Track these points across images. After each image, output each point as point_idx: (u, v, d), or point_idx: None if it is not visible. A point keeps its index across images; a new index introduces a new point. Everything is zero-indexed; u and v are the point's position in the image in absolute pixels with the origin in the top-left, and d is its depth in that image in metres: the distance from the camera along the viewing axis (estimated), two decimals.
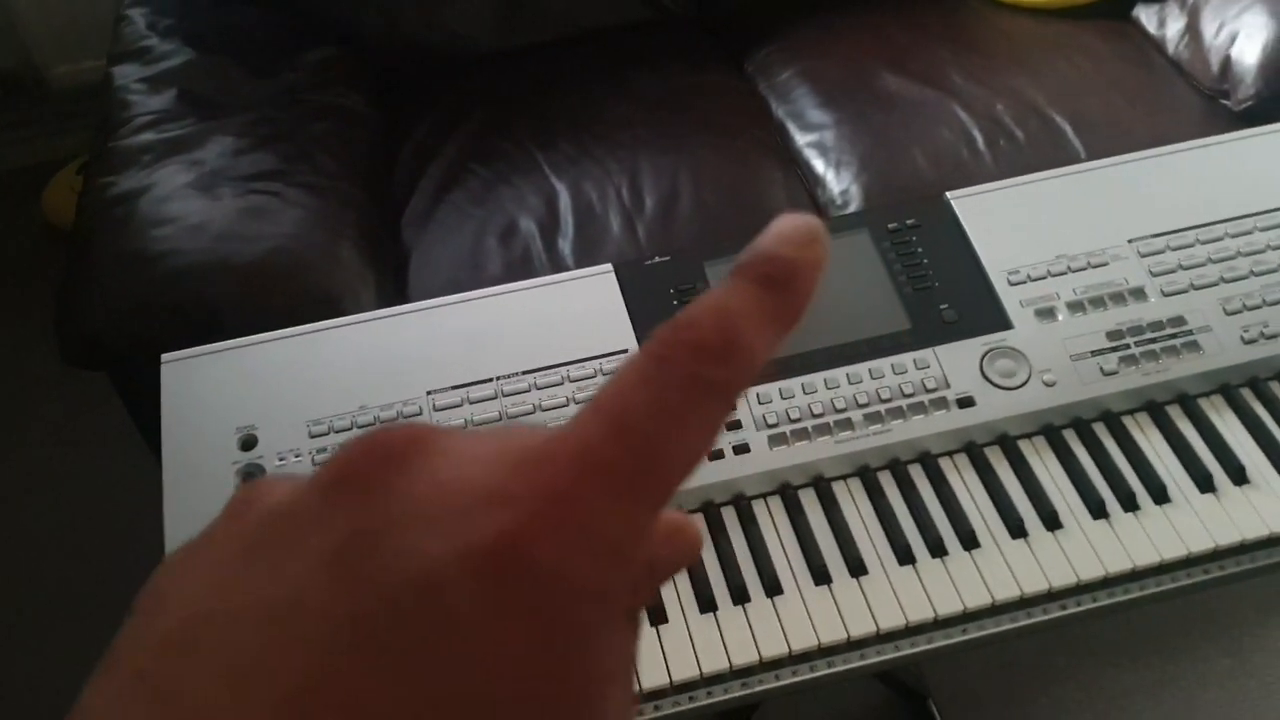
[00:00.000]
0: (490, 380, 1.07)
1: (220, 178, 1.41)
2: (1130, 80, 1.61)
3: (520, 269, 1.45)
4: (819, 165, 1.55)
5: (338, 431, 1.04)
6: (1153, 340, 1.09)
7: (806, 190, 1.54)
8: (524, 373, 1.07)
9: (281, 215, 1.38)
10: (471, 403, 1.06)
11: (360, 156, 1.57)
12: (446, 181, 1.56)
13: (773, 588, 0.98)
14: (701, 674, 0.94)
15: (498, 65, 1.76)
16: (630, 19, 1.84)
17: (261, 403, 1.06)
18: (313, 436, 1.04)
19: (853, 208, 1.48)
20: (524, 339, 1.10)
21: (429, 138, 1.63)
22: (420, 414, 1.05)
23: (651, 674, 0.95)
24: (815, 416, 1.05)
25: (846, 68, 1.67)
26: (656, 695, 0.95)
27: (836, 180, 1.52)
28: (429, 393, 1.06)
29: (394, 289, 1.44)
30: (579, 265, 1.44)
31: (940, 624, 0.97)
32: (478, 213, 1.52)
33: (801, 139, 1.60)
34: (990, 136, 1.53)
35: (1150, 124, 1.53)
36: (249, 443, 1.04)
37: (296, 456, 1.02)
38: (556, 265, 1.45)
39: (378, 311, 1.12)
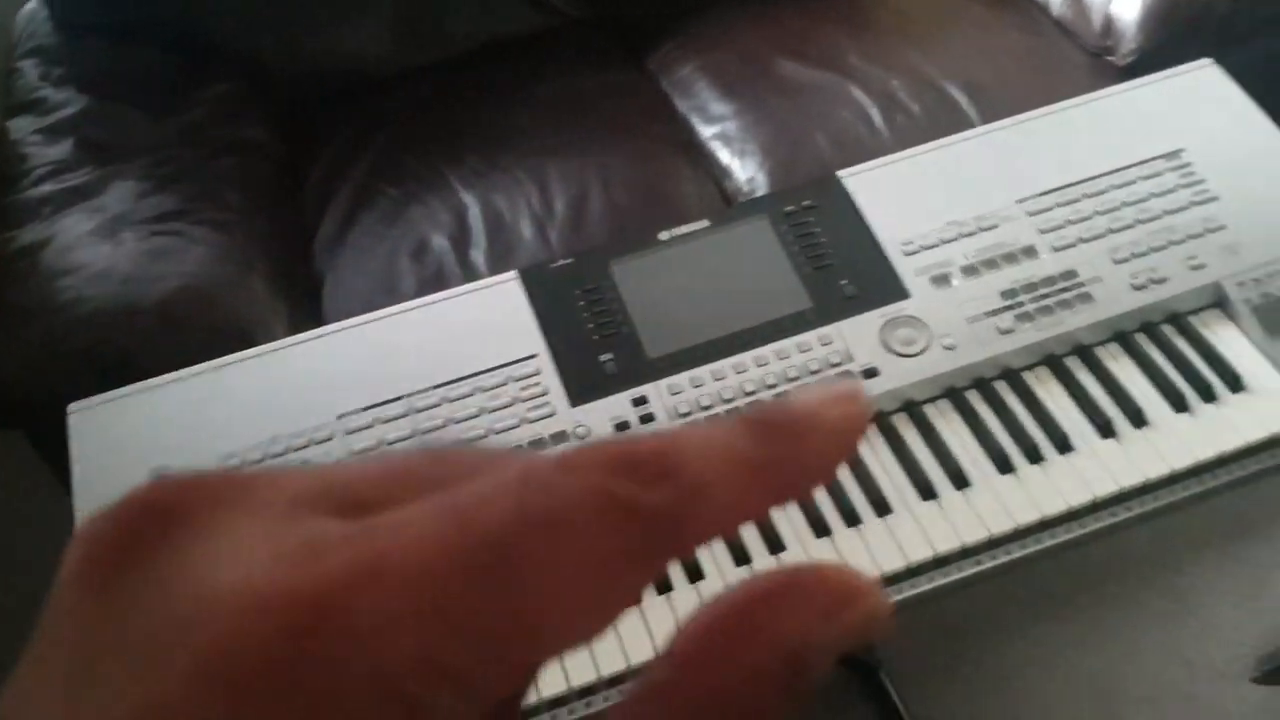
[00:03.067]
0: (400, 398, 1.08)
1: (123, 222, 1.41)
2: (1019, 46, 1.65)
3: (434, 285, 1.45)
4: (724, 155, 1.57)
5: (251, 464, 1.04)
6: (1046, 296, 1.12)
7: (714, 181, 1.56)
8: (434, 387, 1.08)
9: (186, 254, 1.38)
10: (383, 422, 1.06)
11: (267, 188, 1.57)
12: (356, 205, 1.57)
13: (695, 574, 0.99)
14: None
15: (401, 85, 1.76)
16: (529, 28, 1.85)
17: (174, 442, 1.06)
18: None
19: (759, 195, 1.51)
20: (433, 354, 1.11)
21: (336, 163, 1.64)
22: (331, 439, 1.05)
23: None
24: (726, 402, 1.07)
25: (745, 58, 1.70)
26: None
27: (742, 169, 1.54)
28: (339, 416, 1.07)
29: (309, 316, 1.44)
30: (492, 275, 1.45)
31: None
32: (389, 233, 1.53)
33: (706, 131, 1.62)
34: (888, 113, 1.55)
35: (1041, 86, 1.56)
36: None
37: None
38: (471, 278, 1.45)
39: (284, 340, 1.13)
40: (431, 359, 1.10)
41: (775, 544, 1.00)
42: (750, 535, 1.01)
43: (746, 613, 0.19)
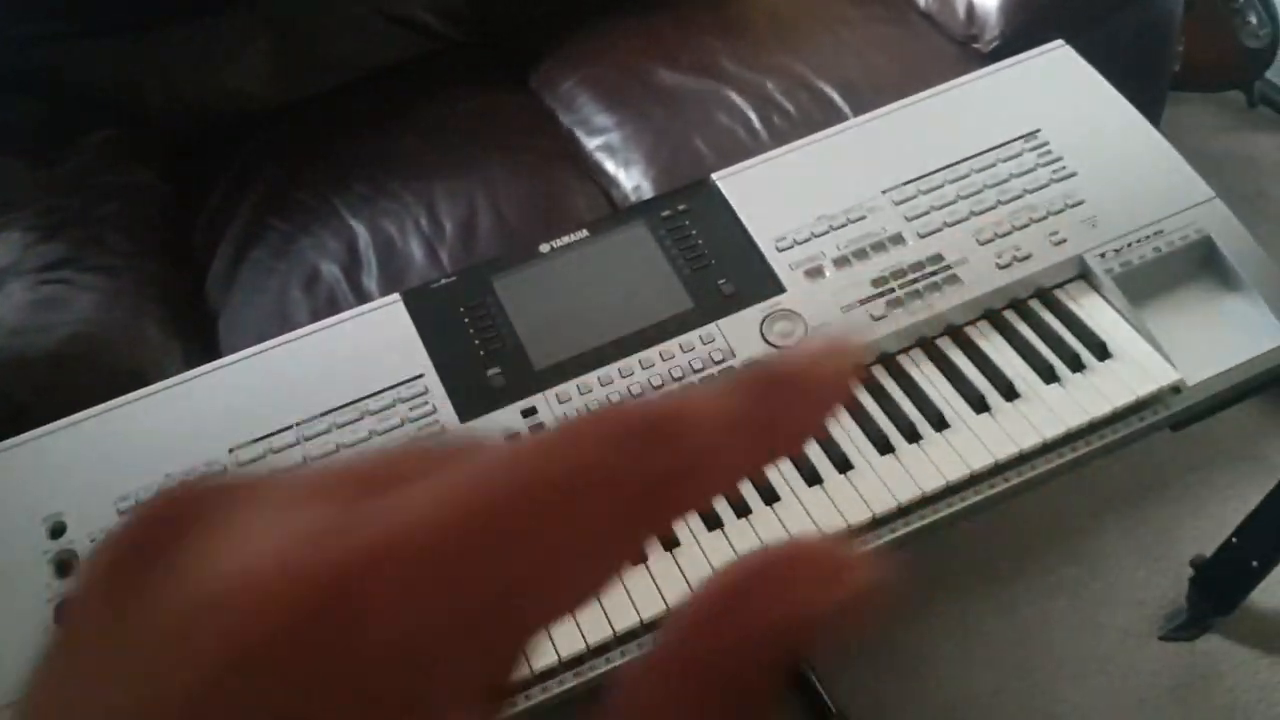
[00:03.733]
0: (290, 427, 1.08)
1: (9, 274, 1.40)
2: (887, 39, 1.69)
3: (327, 314, 1.44)
4: (610, 166, 1.60)
5: None
6: (914, 280, 1.15)
7: (602, 191, 1.58)
8: (323, 414, 1.09)
9: (75, 302, 1.37)
10: (274, 452, 1.07)
11: (155, 230, 1.56)
12: (245, 241, 1.57)
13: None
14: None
15: (284, 118, 1.76)
16: (409, 52, 1.86)
17: (67, 487, 1.06)
18: (121, 514, 1.04)
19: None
20: (320, 381, 1.11)
21: (224, 200, 1.63)
22: (224, 472, 1.05)
23: None
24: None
25: (623, 70, 1.72)
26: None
27: (627, 178, 1.56)
28: (231, 450, 1.07)
29: (204, 355, 1.44)
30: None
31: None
32: (280, 266, 1.53)
33: (590, 143, 1.65)
34: (764, 115, 1.59)
35: (911, 77, 1.59)
36: (58, 529, 1.04)
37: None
38: (364, 303, 1.46)
39: (171, 379, 1.13)
40: (319, 386, 1.11)
41: (670, 543, 1.02)
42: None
43: (745, 587, 0.19)
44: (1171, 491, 1.69)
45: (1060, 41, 1.33)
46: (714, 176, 1.25)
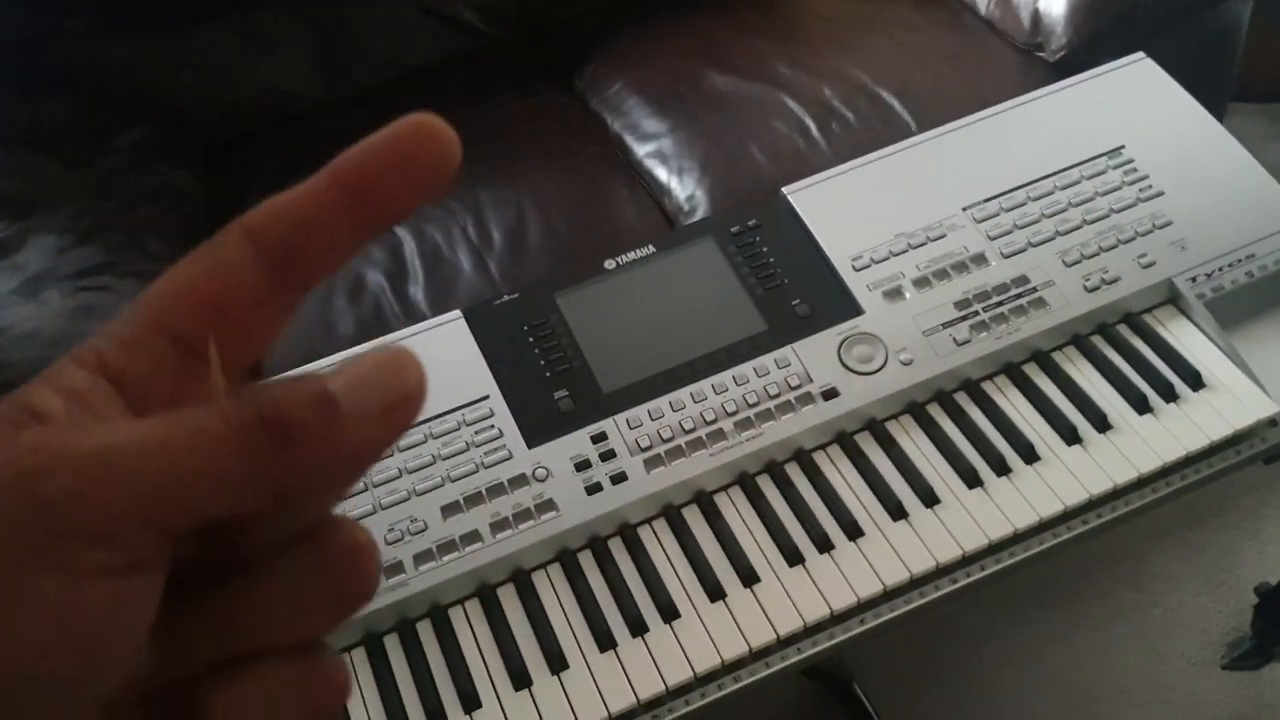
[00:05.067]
0: None
1: (45, 280, 1.35)
2: (947, 46, 1.64)
3: (374, 324, 1.41)
4: (662, 174, 1.55)
5: None
6: (1000, 303, 1.11)
7: (653, 200, 1.54)
8: None
9: (116, 310, 1.33)
10: None
11: (193, 233, 1.51)
12: None
13: (669, 612, 0.96)
14: (609, 714, 0.93)
15: (326, 117, 1.72)
16: (452, 51, 1.82)
17: None
18: None
19: (700, 212, 1.48)
20: None
21: (263, 201, 1.58)
22: None
23: None
24: (687, 432, 1.04)
25: (673, 73, 1.67)
26: None
27: (681, 187, 1.52)
28: None
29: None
30: (433, 311, 1.41)
31: (837, 619, 0.97)
32: None
33: (640, 150, 1.60)
34: (822, 122, 1.54)
35: (973, 86, 1.56)
36: None
37: None
38: (410, 314, 1.42)
39: None
40: None
41: (749, 576, 0.98)
42: (723, 568, 0.98)
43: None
44: (1230, 515, 1.65)
45: (1141, 54, 1.28)
46: (785, 190, 1.20)
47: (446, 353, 1.11)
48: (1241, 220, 1.14)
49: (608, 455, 1.03)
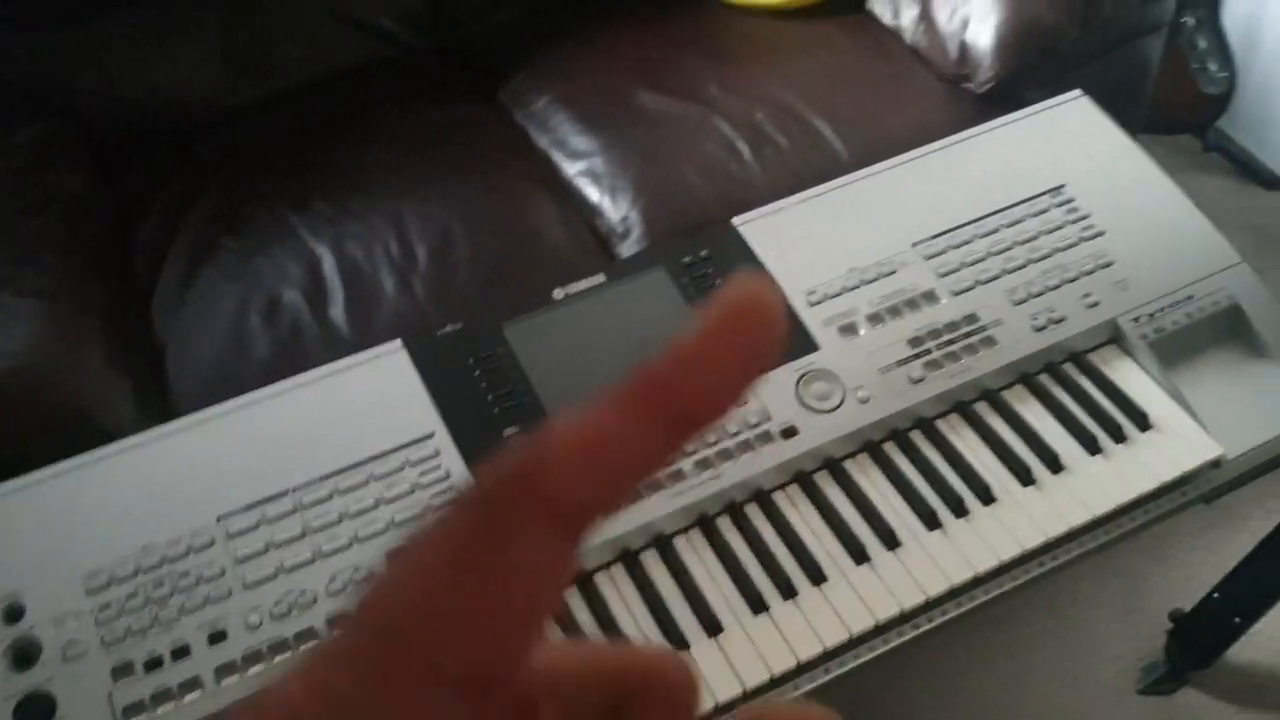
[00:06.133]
0: (286, 493, 0.98)
1: None
2: (875, 73, 1.64)
3: (291, 346, 1.34)
4: (593, 194, 1.51)
5: (121, 581, 0.92)
6: (951, 341, 1.10)
7: (585, 221, 1.50)
8: (322, 478, 0.99)
9: (9, 331, 1.23)
10: (269, 522, 0.96)
11: (93, 247, 1.42)
12: (195, 259, 1.43)
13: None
14: None
15: (234, 124, 1.63)
16: (367, 58, 1.75)
17: (24, 562, 0.93)
18: (91, 593, 0.92)
19: (635, 234, 1.45)
20: (317, 439, 1.01)
21: (168, 214, 1.49)
22: (212, 544, 0.94)
23: None
24: None
25: (602, 89, 1.64)
26: None
27: (614, 208, 1.48)
28: (219, 519, 0.96)
29: (154, 389, 1.31)
30: (355, 334, 1.35)
31: (803, 669, 0.95)
32: (234, 289, 1.40)
33: (570, 168, 1.56)
34: (755, 146, 1.52)
35: (901, 115, 1.56)
36: (14, 613, 0.91)
37: (77, 619, 0.90)
38: (330, 337, 1.35)
39: (148, 433, 1.01)
40: (316, 446, 1.00)
41: (712, 626, 0.95)
42: (685, 617, 0.95)
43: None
44: (1140, 540, 1.68)
45: (1078, 91, 1.30)
46: (735, 221, 1.18)
47: (386, 386, 1.05)
48: (1180, 261, 1.16)
49: None
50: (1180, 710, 1.52)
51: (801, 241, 1.16)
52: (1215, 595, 1.46)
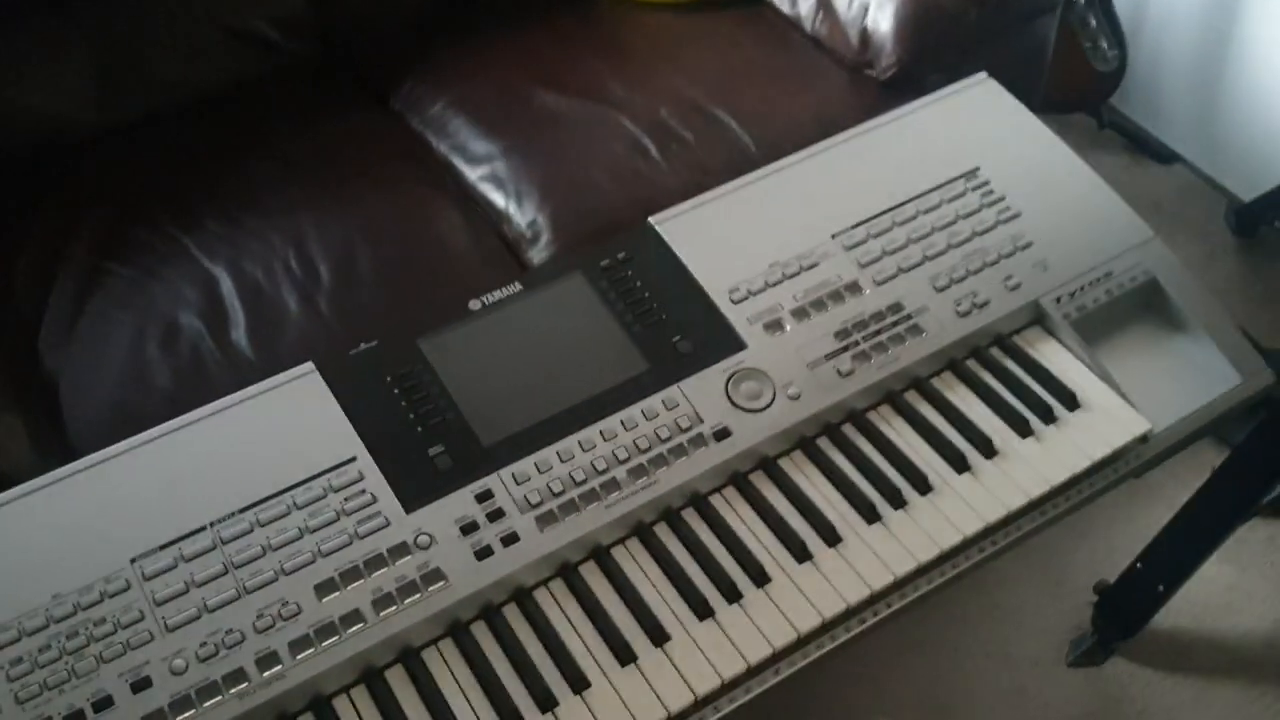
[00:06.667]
0: (204, 529, 0.92)
1: None
2: (776, 63, 1.63)
3: (194, 374, 1.28)
4: (498, 199, 1.47)
5: (31, 634, 0.86)
6: (878, 332, 1.09)
7: (492, 228, 1.46)
8: (241, 510, 0.94)
9: None
10: (187, 560, 0.91)
11: None
12: (82, 290, 1.36)
13: (578, 682, 0.90)
14: None
15: (114, 145, 1.54)
16: (251, 71, 1.67)
17: None
18: (1, 647, 0.85)
19: (544, 239, 1.41)
20: (232, 471, 0.96)
21: (49, 242, 1.41)
22: (128, 588, 0.89)
23: None
24: (579, 484, 0.98)
25: (500, 91, 1.60)
26: None
27: (520, 213, 1.44)
28: (134, 560, 0.90)
29: (49, 428, 1.24)
30: (260, 357, 1.29)
31: (753, 671, 0.93)
32: (127, 318, 1.33)
33: (472, 174, 1.51)
34: (661, 143, 1.50)
35: (806, 105, 1.55)
36: None
37: None
38: (235, 362, 1.29)
39: (48, 475, 0.94)
40: (232, 477, 0.95)
41: (658, 635, 0.92)
42: (630, 628, 0.92)
43: None
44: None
45: (984, 74, 1.30)
46: (652, 220, 1.16)
47: (301, 411, 1.00)
48: (1095, 239, 1.17)
49: (496, 515, 0.96)
50: (1110, 681, 1.54)
51: (721, 238, 1.14)
52: (1139, 565, 1.48)
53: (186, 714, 0.84)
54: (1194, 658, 1.57)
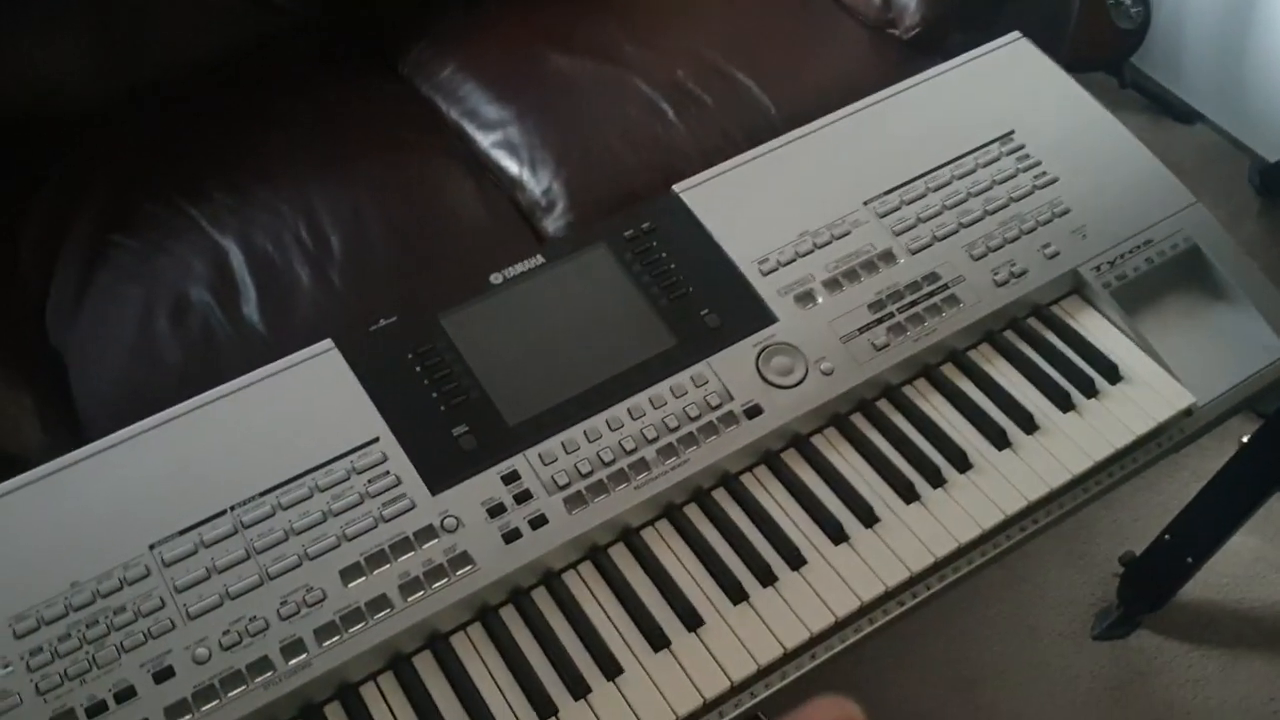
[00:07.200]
0: (224, 512, 0.89)
1: None
2: (795, 23, 1.59)
3: (205, 350, 1.24)
4: (512, 166, 1.43)
5: (50, 622, 0.83)
6: (913, 303, 1.06)
7: (506, 196, 1.42)
8: (262, 493, 0.90)
9: None
10: (208, 545, 0.88)
11: None
12: (89, 263, 1.32)
13: (610, 667, 0.87)
14: None
15: (117, 115, 1.50)
16: (252, 34, 1.63)
17: None
18: (20, 637, 0.83)
19: (560, 207, 1.38)
20: (252, 453, 0.93)
21: (53, 216, 1.37)
22: (148, 575, 0.86)
23: None
24: (607, 465, 0.95)
25: (511, 53, 1.55)
26: None
27: (535, 180, 1.41)
28: (152, 546, 0.87)
29: (58, 405, 1.20)
30: (272, 332, 1.26)
31: (790, 657, 0.90)
32: (135, 292, 1.30)
33: (484, 140, 1.47)
34: (679, 105, 1.45)
35: (827, 66, 1.51)
36: None
37: (6, 667, 0.81)
38: (247, 337, 1.26)
39: (62, 459, 0.91)
40: (252, 460, 0.92)
41: (692, 620, 0.89)
42: (663, 613, 0.90)
43: None
44: None
45: (1017, 34, 1.26)
46: (676, 189, 1.12)
47: (322, 390, 0.97)
48: (1135, 205, 1.14)
49: (523, 497, 0.93)
50: (1136, 653, 1.52)
51: (748, 207, 1.11)
52: (1167, 536, 1.45)
53: (210, 704, 0.82)
54: (1220, 630, 1.55)
